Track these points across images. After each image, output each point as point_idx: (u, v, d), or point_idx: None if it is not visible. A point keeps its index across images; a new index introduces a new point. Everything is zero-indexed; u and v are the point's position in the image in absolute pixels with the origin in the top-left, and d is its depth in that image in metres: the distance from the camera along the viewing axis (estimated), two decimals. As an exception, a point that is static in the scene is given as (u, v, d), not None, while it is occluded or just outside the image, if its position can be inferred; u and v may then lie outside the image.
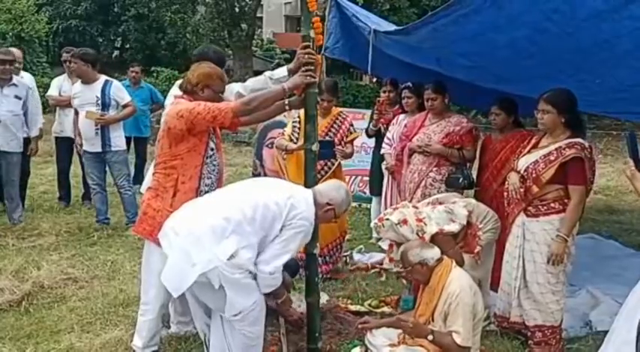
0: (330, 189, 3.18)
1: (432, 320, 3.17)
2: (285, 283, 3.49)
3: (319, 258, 4.55)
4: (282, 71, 3.47)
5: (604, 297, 4.24)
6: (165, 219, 3.06)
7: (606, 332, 3.14)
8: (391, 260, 4.24)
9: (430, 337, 3.03)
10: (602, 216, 7.42)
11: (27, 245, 5.37)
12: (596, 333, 3.77)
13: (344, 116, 4.93)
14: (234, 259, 2.74)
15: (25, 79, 6.30)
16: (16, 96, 5.82)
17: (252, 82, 3.55)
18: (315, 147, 3.38)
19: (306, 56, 3.29)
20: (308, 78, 3.26)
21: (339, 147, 4.64)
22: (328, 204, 3.08)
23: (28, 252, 5.18)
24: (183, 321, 3.62)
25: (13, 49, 6.49)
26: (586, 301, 4.28)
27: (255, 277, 2.88)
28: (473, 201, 3.98)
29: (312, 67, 3.30)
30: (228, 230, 2.78)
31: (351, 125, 4.91)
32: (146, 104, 7.72)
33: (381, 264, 4.93)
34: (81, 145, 6.03)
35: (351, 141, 4.85)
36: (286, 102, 3.40)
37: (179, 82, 3.64)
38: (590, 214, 7.47)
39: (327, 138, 4.62)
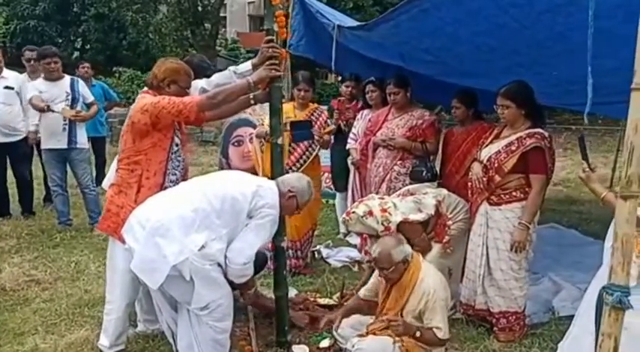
0: (291, 178, 3.26)
1: (401, 315, 3.21)
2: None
3: (291, 251, 4.63)
4: (247, 65, 3.46)
5: (565, 284, 4.36)
6: (129, 215, 3.03)
7: (568, 317, 3.25)
8: (366, 253, 4.29)
9: (417, 334, 3.09)
10: (562, 206, 7.61)
11: (-13, 248, 5.24)
12: (558, 319, 3.88)
13: (321, 110, 5.04)
14: (205, 249, 2.77)
15: None
16: None
17: (217, 77, 3.53)
18: (280, 141, 3.40)
19: (270, 50, 3.30)
20: (273, 71, 3.27)
21: (318, 131, 4.69)
22: (290, 191, 3.13)
23: (-12, 255, 5.06)
24: (149, 319, 3.58)
25: None
26: (548, 288, 4.39)
27: (223, 271, 2.90)
28: (444, 191, 4.04)
29: (277, 61, 3.31)
30: (197, 222, 2.79)
31: (328, 118, 5.03)
32: (100, 102, 7.59)
33: (354, 260, 5.04)
34: (34, 145, 5.93)
35: (328, 133, 4.91)
36: (251, 96, 3.40)
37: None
38: (551, 205, 7.66)
39: None
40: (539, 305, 4.08)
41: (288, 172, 4.29)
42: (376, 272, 3.40)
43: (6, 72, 6.12)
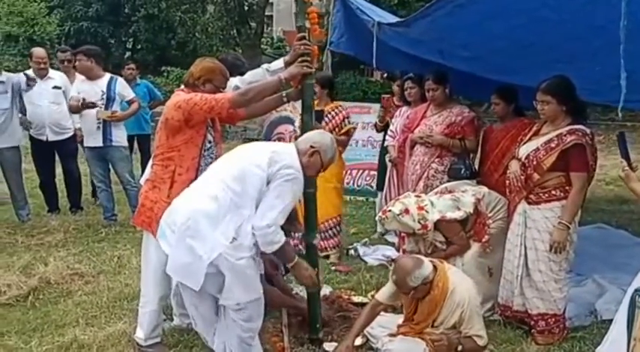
0: (312, 134, 3.13)
1: (432, 326, 3.17)
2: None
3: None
4: (279, 63, 3.48)
5: (610, 286, 4.19)
6: (162, 210, 3.07)
7: (612, 320, 3.13)
8: (404, 251, 4.26)
9: (460, 347, 3.06)
10: (612, 206, 7.34)
11: (35, 242, 5.44)
12: (601, 322, 3.73)
13: (340, 110, 5.09)
14: (237, 241, 2.73)
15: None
16: (3, 92, 5.89)
17: (250, 74, 3.56)
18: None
19: (302, 47, 3.30)
20: (304, 68, 3.27)
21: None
22: (312, 147, 2.99)
23: (36, 248, 5.26)
24: (185, 313, 3.60)
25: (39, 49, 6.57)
26: (592, 290, 4.23)
27: (259, 269, 2.88)
28: (484, 189, 3.97)
29: (309, 58, 3.30)
30: (221, 211, 2.76)
31: (346, 118, 5.07)
32: (144, 101, 7.71)
33: (391, 259, 4.98)
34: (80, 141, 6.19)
35: (346, 133, 5.02)
36: (284, 94, 3.41)
37: None
38: (601, 205, 7.42)
39: None
40: (582, 307, 3.94)
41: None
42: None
43: (52, 72, 6.31)
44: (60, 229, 5.83)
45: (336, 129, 4.91)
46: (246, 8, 19.84)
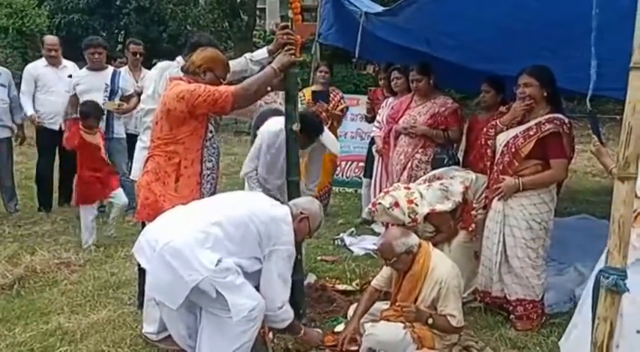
0: (304, 201, 3.19)
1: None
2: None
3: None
4: (262, 52, 3.49)
5: (591, 273, 4.24)
6: (169, 203, 3.02)
7: (590, 306, 3.18)
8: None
9: (430, 321, 3.08)
10: (598, 197, 7.39)
11: (23, 232, 5.46)
12: (580, 308, 3.79)
13: (337, 91, 6.07)
14: (222, 264, 2.65)
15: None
16: (1, 85, 5.90)
17: (234, 64, 3.55)
18: (295, 127, 3.41)
19: (285, 37, 3.30)
20: (292, 57, 3.26)
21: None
22: (302, 213, 3.01)
23: (23, 238, 5.27)
24: None
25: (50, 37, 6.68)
26: (573, 278, 4.29)
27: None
28: (472, 175, 4.00)
29: (294, 47, 3.31)
30: (209, 242, 2.68)
31: (342, 98, 5.96)
32: None
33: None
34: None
35: (342, 110, 5.87)
36: None
37: (161, 63, 3.67)
38: (587, 196, 7.50)
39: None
40: (562, 294, 4.00)
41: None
42: None
43: (65, 61, 6.32)
44: (47, 220, 5.85)
45: (337, 106, 5.78)
46: (237, 1, 19.75)
